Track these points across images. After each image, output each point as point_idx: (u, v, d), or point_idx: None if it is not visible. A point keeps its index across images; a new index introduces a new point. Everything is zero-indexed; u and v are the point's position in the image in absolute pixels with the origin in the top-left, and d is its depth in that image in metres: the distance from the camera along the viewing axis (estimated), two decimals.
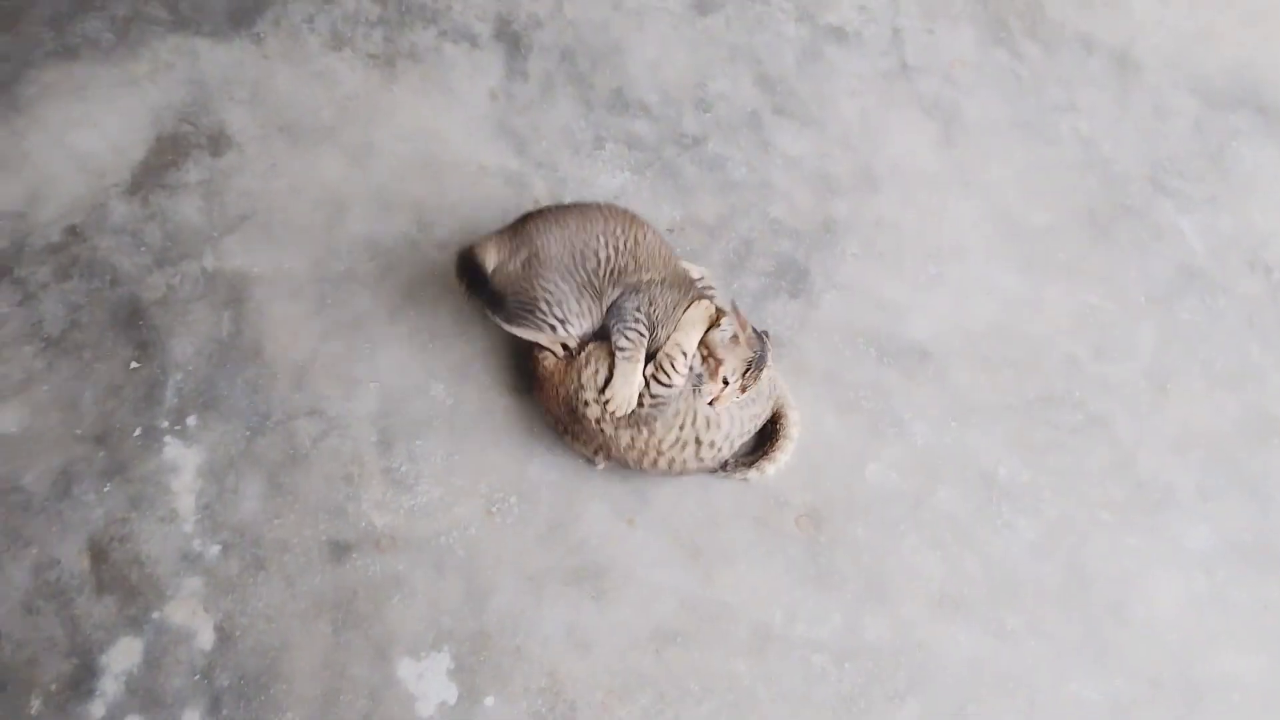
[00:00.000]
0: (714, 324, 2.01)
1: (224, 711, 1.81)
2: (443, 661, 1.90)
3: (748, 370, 1.98)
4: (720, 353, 1.98)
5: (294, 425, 2.06)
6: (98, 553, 1.92)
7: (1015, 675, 1.99)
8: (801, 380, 2.21)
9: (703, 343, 2.00)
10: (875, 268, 2.37)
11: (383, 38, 2.49)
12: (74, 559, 1.91)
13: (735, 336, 1.98)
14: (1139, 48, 2.77)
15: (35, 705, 1.79)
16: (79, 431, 2.01)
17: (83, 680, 1.82)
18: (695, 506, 2.06)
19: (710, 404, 1.99)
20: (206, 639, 1.87)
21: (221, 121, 2.34)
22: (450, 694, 1.87)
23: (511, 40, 2.53)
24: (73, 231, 2.19)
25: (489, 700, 1.87)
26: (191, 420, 2.04)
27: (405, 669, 1.88)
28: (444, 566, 1.97)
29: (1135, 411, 2.27)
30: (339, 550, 1.96)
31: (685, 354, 1.97)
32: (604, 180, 2.38)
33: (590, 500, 2.04)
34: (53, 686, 1.81)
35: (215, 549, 1.94)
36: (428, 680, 1.88)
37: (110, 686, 1.82)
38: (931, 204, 2.47)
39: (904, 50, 2.67)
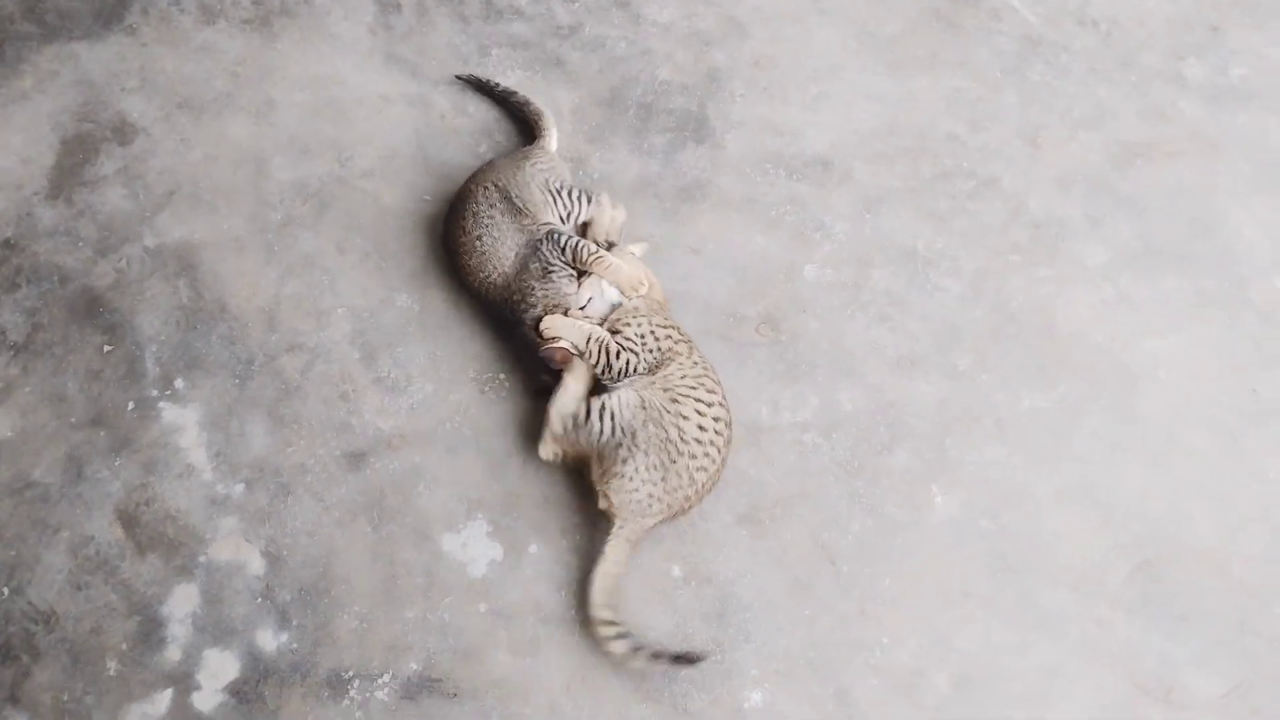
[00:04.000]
0: None
1: (294, 622, 1.92)
2: (480, 528, 2.04)
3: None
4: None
5: (278, 364, 2.16)
6: (128, 520, 1.99)
7: (977, 406, 2.24)
8: (728, 211, 2.41)
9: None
10: (764, 101, 2.58)
11: (251, 2, 2.56)
12: (106, 531, 1.98)
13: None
14: None
15: (112, 666, 1.87)
16: (73, 420, 2.07)
17: (151, 632, 1.90)
18: None
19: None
20: (257, 566, 1.97)
21: (120, 112, 2.39)
22: (496, 552, 2.02)
23: None
24: (7, 244, 2.23)
25: (532, 548, 2.02)
26: (179, 383, 2.12)
27: (449, 543, 2.02)
28: (456, 448, 2.11)
29: (1017, 167, 2.55)
30: (355, 459, 2.08)
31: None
32: (499, 82, 2.52)
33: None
34: (123, 646, 1.89)
35: (239, 488, 2.04)
36: (472, 547, 2.02)
37: (179, 630, 1.91)
38: (797, 36, 2.69)
39: None
